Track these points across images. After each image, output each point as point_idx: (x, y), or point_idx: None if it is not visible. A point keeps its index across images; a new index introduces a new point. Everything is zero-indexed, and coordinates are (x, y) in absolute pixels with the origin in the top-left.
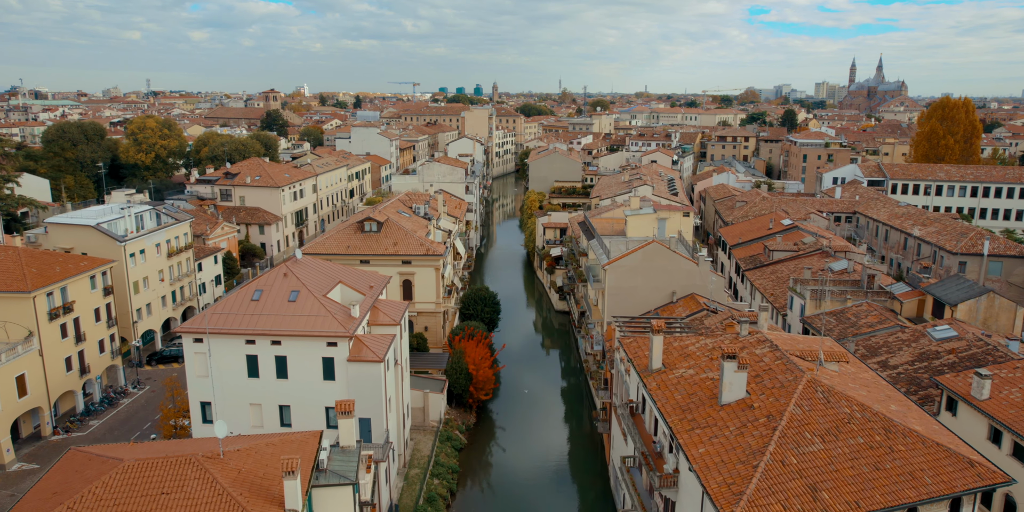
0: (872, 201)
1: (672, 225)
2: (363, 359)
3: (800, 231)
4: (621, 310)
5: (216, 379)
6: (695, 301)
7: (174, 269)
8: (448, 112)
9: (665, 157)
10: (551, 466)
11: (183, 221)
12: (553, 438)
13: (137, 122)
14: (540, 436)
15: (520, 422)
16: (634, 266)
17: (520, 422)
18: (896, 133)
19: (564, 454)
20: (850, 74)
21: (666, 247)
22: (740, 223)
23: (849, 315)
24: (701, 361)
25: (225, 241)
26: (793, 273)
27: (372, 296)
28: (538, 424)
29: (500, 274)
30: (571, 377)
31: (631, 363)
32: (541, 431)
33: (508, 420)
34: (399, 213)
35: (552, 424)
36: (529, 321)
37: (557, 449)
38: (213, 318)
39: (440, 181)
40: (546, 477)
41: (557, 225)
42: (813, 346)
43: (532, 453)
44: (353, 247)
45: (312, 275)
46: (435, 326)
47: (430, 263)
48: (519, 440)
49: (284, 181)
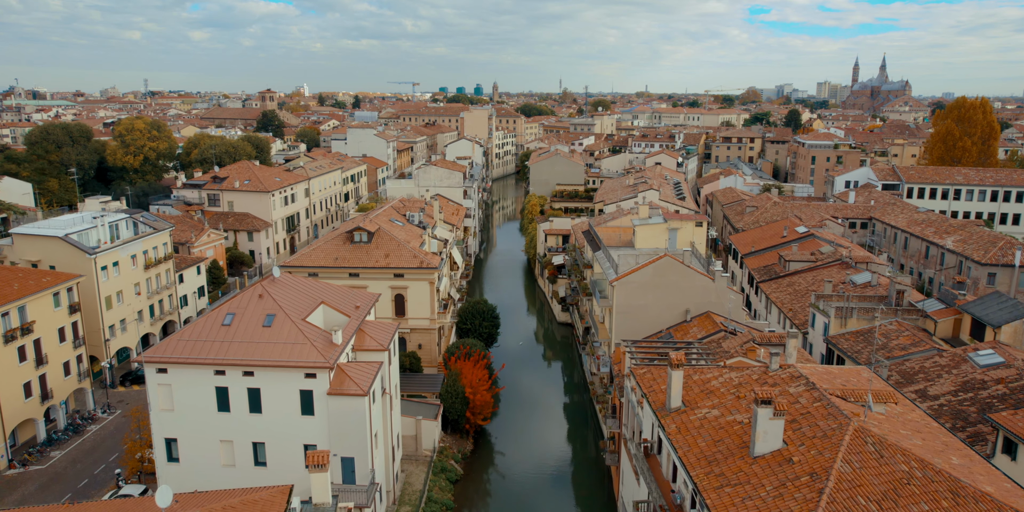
0: (888, 206)
1: (684, 235)
2: (345, 392)
3: (816, 239)
4: (630, 329)
5: (182, 413)
6: (711, 320)
7: (152, 281)
8: (447, 112)
9: (670, 159)
10: (554, 500)
11: (162, 230)
12: (557, 468)
13: (125, 124)
14: (542, 465)
15: (521, 448)
16: (644, 282)
17: (521, 448)
18: (904, 134)
19: (568, 486)
20: (853, 73)
21: (679, 261)
22: (752, 230)
23: (878, 335)
24: (726, 399)
25: (212, 249)
26: (811, 286)
27: (358, 318)
28: (540, 450)
29: (500, 282)
30: (574, 394)
31: (645, 398)
32: (543, 459)
33: (508, 444)
34: (391, 222)
35: (555, 451)
36: (530, 332)
37: (561, 480)
38: (179, 345)
39: (437, 185)
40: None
41: (559, 232)
42: (852, 380)
43: (534, 484)
44: (342, 259)
45: (291, 296)
46: (429, 343)
47: (424, 277)
48: (519, 469)
49: (274, 185)
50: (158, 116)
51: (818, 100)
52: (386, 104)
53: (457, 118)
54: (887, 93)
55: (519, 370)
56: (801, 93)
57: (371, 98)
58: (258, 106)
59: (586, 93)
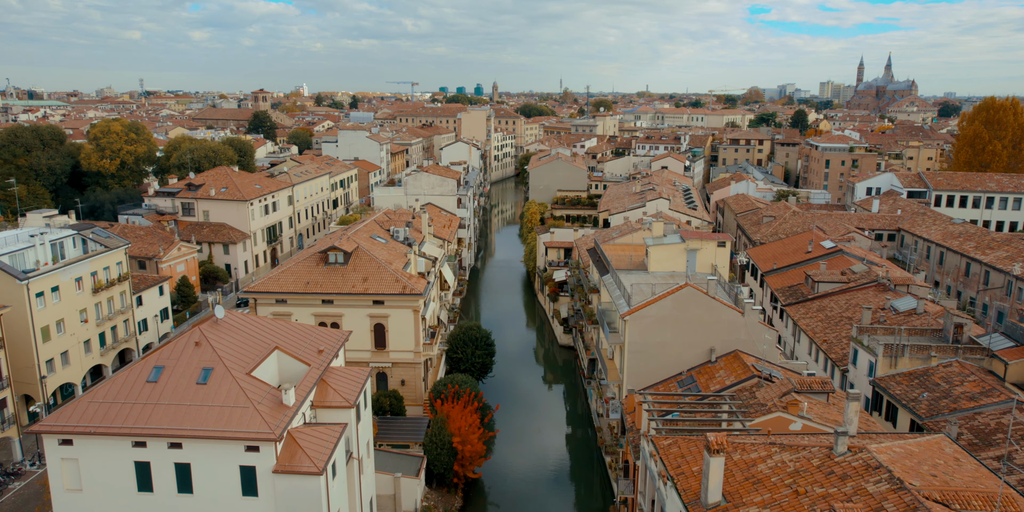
0: (918, 217)
1: (705, 257)
2: (296, 470)
3: (846, 256)
4: (645, 370)
5: (93, 495)
6: (740, 361)
7: (103, 306)
8: (445, 113)
9: (677, 163)
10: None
11: (116, 248)
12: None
13: (100, 126)
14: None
15: (518, 503)
16: (662, 317)
17: (518, 503)
18: (918, 135)
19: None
20: (858, 73)
21: (703, 292)
22: (771, 243)
23: (936, 379)
24: (781, 493)
25: (183, 263)
26: (845, 312)
27: (321, 365)
28: (539, 508)
29: (497, 297)
30: (578, 429)
31: (672, 483)
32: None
33: (503, 498)
34: (372, 239)
35: (558, 508)
36: (528, 355)
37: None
38: (89, 410)
39: (428, 194)
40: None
41: (561, 245)
42: (931, 452)
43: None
44: (313, 284)
45: (236, 342)
46: (414, 379)
47: (407, 304)
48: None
49: (253, 193)
50: (150, 116)
51: (821, 100)
52: (384, 104)
53: (455, 119)
54: (893, 93)
55: (516, 402)
56: (804, 93)
57: (370, 98)
58: (252, 107)
59: (588, 93)
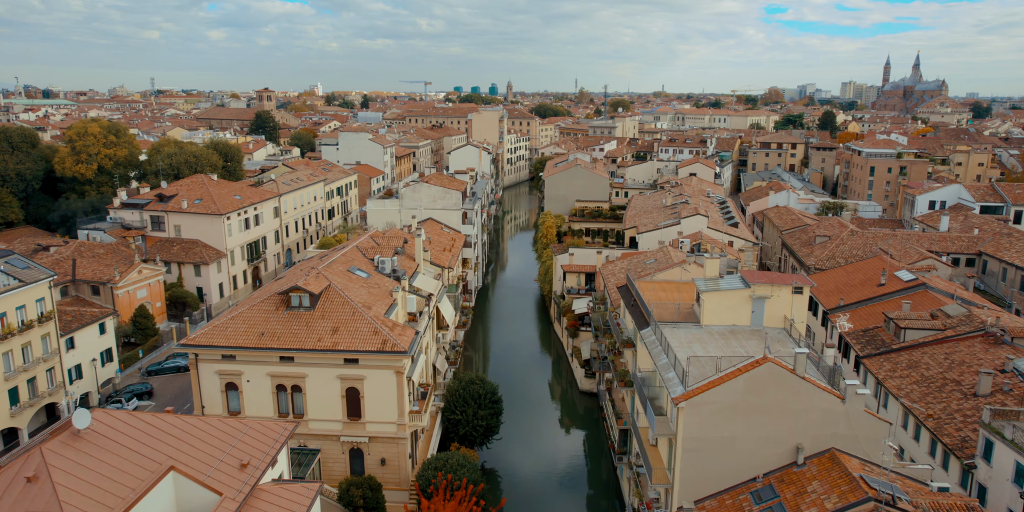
0: (1002, 238)
1: (776, 307)
2: None
3: (931, 291)
4: (705, 474)
5: None
6: (839, 467)
7: (14, 355)
8: (456, 113)
9: (707, 170)
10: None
11: (35, 281)
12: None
13: (77, 127)
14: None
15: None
16: (732, 403)
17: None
18: (964, 139)
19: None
20: (884, 73)
21: (788, 370)
22: (831, 270)
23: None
24: None
25: (145, 288)
26: (947, 371)
27: (242, 489)
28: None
29: (507, 324)
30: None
31: None
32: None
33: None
34: (350, 273)
35: None
36: (543, 401)
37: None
38: None
39: (429, 207)
40: None
41: (581, 269)
42: None
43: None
44: (270, 335)
45: (100, 468)
46: (397, 457)
47: (388, 363)
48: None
49: (231, 206)
50: (154, 116)
51: (844, 101)
52: (396, 104)
53: (466, 120)
54: (921, 93)
55: (529, 473)
56: (824, 93)
57: (382, 98)
58: (256, 106)
59: (605, 93)
